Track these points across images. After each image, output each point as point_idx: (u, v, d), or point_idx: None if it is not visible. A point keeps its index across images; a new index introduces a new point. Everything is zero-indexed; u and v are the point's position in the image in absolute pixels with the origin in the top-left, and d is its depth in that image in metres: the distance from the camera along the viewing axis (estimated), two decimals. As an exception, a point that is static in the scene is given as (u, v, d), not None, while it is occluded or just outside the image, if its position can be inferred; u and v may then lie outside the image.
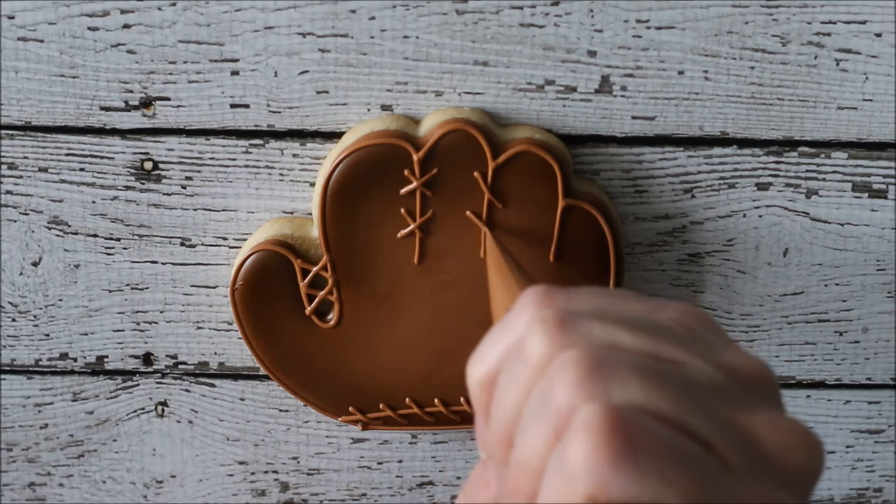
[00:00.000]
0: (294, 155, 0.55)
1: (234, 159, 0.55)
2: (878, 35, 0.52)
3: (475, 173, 0.52)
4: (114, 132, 0.55)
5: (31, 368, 0.59)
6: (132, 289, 0.58)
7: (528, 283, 0.37)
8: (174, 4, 0.52)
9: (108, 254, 0.57)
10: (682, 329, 0.30)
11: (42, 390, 0.60)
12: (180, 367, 0.59)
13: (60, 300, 0.58)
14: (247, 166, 0.55)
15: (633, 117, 0.54)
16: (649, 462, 0.26)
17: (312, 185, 0.55)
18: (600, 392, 0.27)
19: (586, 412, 0.27)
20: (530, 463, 0.28)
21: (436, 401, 0.57)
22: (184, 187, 0.56)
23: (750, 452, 0.28)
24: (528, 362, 0.29)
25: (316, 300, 0.55)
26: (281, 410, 0.60)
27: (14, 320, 0.58)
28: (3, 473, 0.62)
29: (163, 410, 0.60)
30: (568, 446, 0.27)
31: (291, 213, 0.56)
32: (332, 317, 0.55)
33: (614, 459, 0.26)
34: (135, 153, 0.55)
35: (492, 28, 0.52)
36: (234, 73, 0.53)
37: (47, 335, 0.59)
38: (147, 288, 0.58)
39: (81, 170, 0.55)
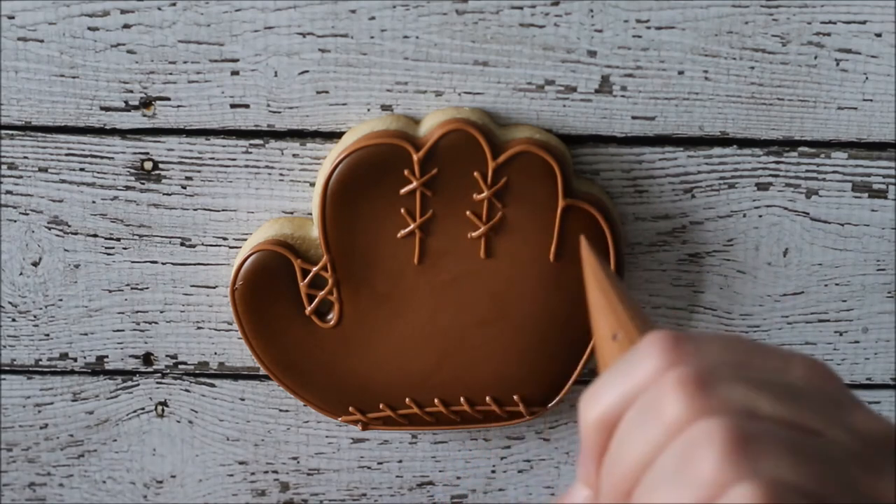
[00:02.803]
0: (294, 155, 0.55)
1: (234, 159, 0.55)
2: (878, 35, 0.52)
3: (475, 173, 0.52)
4: (114, 132, 0.55)
5: (31, 368, 0.59)
6: (132, 289, 0.58)
7: (638, 314, 0.37)
8: (174, 4, 0.52)
9: (108, 254, 0.57)
10: (815, 391, 0.30)
11: (42, 390, 0.60)
12: (180, 367, 0.59)
13: (60, 300, 0.58)
14: (247, 166, 0.55)
15: (633, 117, 0.54)
16: None
17: (312, 185, 0.55)
18: (750, 470, 0.27)
19: (743, 492, 0.27)
20: None
21: (436, 401, 0.57)
22: (184, 187, 0.56)
23: None
24: (663, 421, 0.29)
25: (316, 300, 0.55)
26: (281, 410, 0.60)
27: (14, 320, 0.58)
28: (3, 473, 0.62)
29: (163, 410, 0.60)
30: None
31: (291, 213, 0.56)
32: (332, 317, 0.55)
33: None
34: (135, 153, 0.55)
35: (492, 28, 0.52)
36: (234, 73, 0.53)
37: (47, 335, 0.59)
38: (147, 288, 0.58)
39: (81, 170, 0.55)
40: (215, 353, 0.59)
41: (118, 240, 0.57)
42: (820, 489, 0.28)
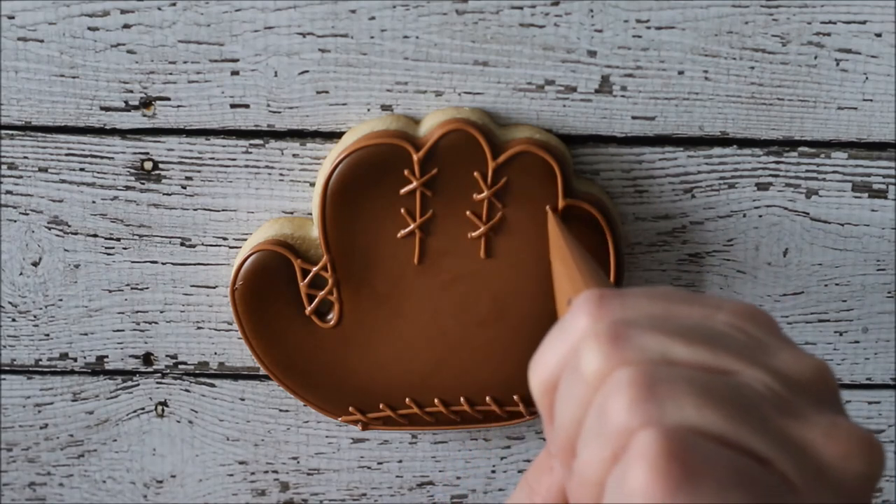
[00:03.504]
0: (294, 155, 0.55)
1: (234, 159, 0.55)
2: (878, 35, 0.52)
3: (475, 173, 0.52)
4: (114, 132, 0.55)
5: (31, 368, 0.59)
6: (132, 289, 0.58)
7: (591, 276, 0.37)
8: (174, 4, 0.52)
9: (108, 254, 0.57)
10: (738, 333, 0.30)
11: (42, 390, 0.60)
12: (180, 367, 0.59)
13: (60, 300, 0.58)
14: (247, 166, 0.55)
15: (633, 117, 0.54)
16: (708, 486, 0.26)
17: (312, 185, 0.55)
18: (655, 415, 0.27)
19: (643, 440, 0.27)
20: (590, 478, 0.28)
21: (436, 401, 0.57)
22: (184, 187, 0.56)
23: (808, 465, 0.28)
24: (584, 377, 0.29)
25: (316, 300, 0.55)
26: (281, 410, 0.60)
27: (14, 320, 0.58)
28: (3, 473, 0.62)
29: (163, 410, 0.60)
30: (627, 474, 0.27)
31: (291, 213, 0.56)
32: (332, 317, 0.55)
33: (673, 488, 0.26)
34: (135, 153, 0.55)
35: (492, 28, 0.52)
36: (234, 73, 0.53)
37: (47, 335, 0.59)
38: (147, 288, 0.58)
39: (81, 170, 0.55)
40: (215, 353, 0.59)
41: (118, 240, 0.57)
42: (728, 430, 0.27)
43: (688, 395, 0.28)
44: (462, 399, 0.57)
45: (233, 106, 0.54)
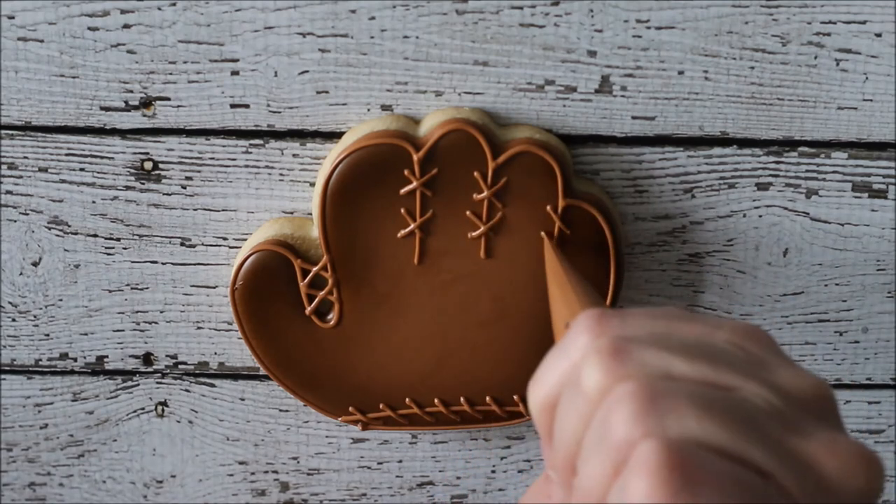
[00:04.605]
0: (294, 155, 0.55)
1: (234, 159, 0.55)
2: (878, 35, 0.52)
3: (475, 173, 0.52)
4: (114, 132, 0.55)
5: (31, 368, 0.59)
6: (132, 289, 0.58)
7: (587, 299, 0.37)
8: (174, 4, 0.52)
9: (108, 254, 0.57)
10: (738, 350, 0.30)
11: (42, 390, 0.60)
12: (180, 367, 0.59)
13: (60, 300, 0.58)
14: (247, 166, 0.55)
15: (633, 117, 0.54)
16: (708, 496, 0.26)
17: (312, 185, 0.55)
18: (657, 427, 0.27)
19: (644, 450, 0.27)
20: (592, 493, 0.29)
21: (436, 401, 0.57)
22: (184, 187, 0.56)
23: (809, 479, 0.28)
24: (585, 393, 0.29)
25: (316, 300, 0.55)
26: (281, 410, 0.60)
27: (14, 320, 0.58)
28: (3, 473, 0.62)
29: (163, 410, 0.60)
30: (628, 484, 0.27)
31: (291, 213, 0.56)
32: (332, 317, 0.55)
33: (673, 499, 0.26)
34: (135, 153, 0.55)
35: (492, 28, 0.52)
36: (234, 73, 0.53)
37: (47, 335, 0.59)
38: (147, 288, 0.58)
39: (81, 170, 0.55)
40: (215, 353, 0.59)
41: (118, 240, 0.57)
42: (729, 442, 0.27)
43: (689, 407, 0.28)
44: (462, 399, 0.57)
45: (233, 106, 0.54)
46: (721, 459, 0.27)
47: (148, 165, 0.55)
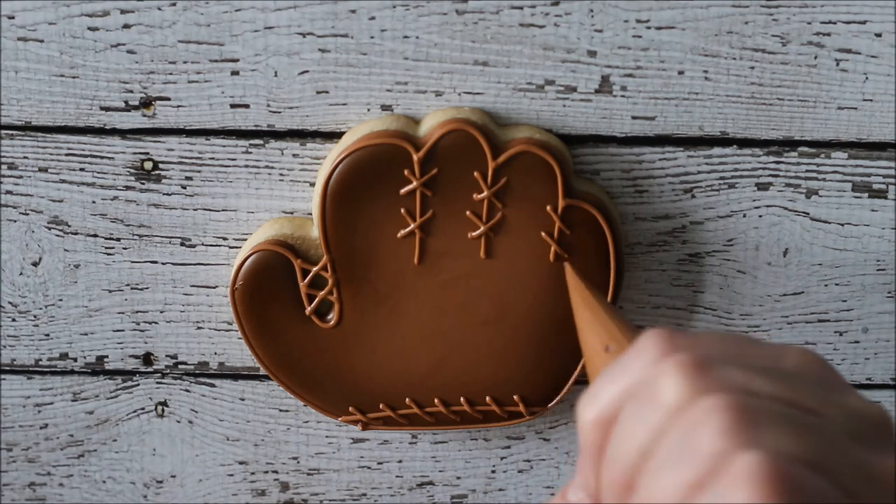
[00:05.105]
0: (294, 155, 0.55)
1: (234, 159, 0.55)
2: (878, 35, 0.52)
3: (475, 173, 0.52)
4: (114, 132, 0.55)
5: (31, 368, 0.59)
6: (132, 289, 0.58)
7: (625, 324, 0.38)
8: (174, 4, 0.52)
9: (108, 254, 0.57)
10: (808, 375, 0.31)
11: (42, 390, 0.60)
12: (180, 367, 0.59)
13: (60, 300, 0.58)
14: (247, 166, 0.55)
15: (633, 117, 0.54)
16: None
17: (312, 185, 0.55)
18: (752, 440, 0.27)
19: (745, 461, 0.27)
20: None
21: (436, 401, 0.57)
22: (184, 187, 0.56)
23: (887, 498, 0.28)
24: (661, 405, 0.29)
25: (316, 300, 0.55)
26: (281, 410, 0.60)
27: (14, 320, 0.58)
28: (3, 473, 0.62)
29: (163, 410, 0.60)
30: (725, 494, 0.27)
31: (291, 213, 0.56)
32: (332, 317, 0.55)
33: None
34: (135, 153, 0.55)
35: (492, 28, 0.52)
36: (234, 73, 0.53)
37: (47, 335, 0.59)
38: (147, 288, 0.58)
39: (81, 170, 0.55)
40: (215, 353, 0.59)
41: (118, 240, 0.57)
42: (822, 460, 0.28)
43: (779, 424, 0.28)
44: (462, 399, 0.57)
45: (233, 106, 0.54)
46: (816, 475, 0.27)
47: (148, 165, 0.55)
